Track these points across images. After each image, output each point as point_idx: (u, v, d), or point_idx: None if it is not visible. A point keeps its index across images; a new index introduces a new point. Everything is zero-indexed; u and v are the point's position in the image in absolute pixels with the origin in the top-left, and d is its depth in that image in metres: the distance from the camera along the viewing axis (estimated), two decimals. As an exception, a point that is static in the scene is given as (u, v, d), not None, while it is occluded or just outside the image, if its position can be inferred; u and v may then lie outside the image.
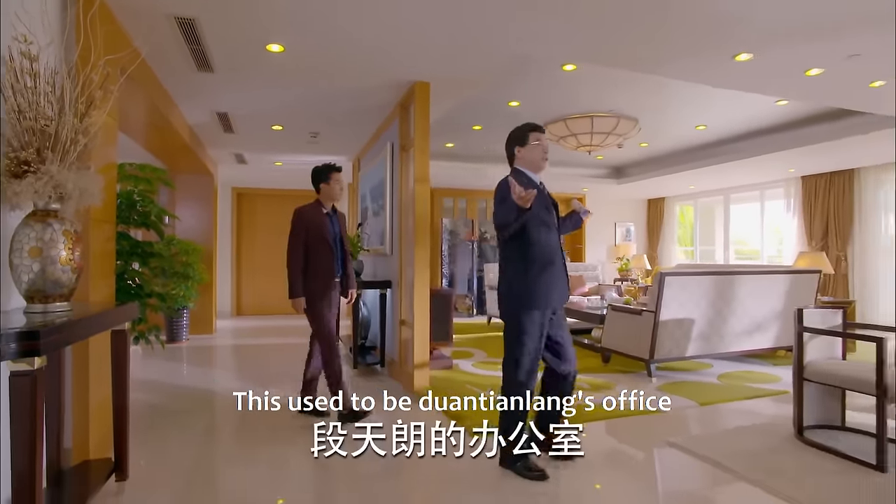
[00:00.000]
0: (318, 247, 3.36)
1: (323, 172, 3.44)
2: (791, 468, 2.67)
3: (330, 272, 3.39)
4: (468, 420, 3.34)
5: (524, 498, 2.36)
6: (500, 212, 2.50)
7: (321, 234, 3.36)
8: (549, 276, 2.55)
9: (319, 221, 3.38)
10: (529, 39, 3.22)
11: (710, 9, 2.78)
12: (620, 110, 5.67)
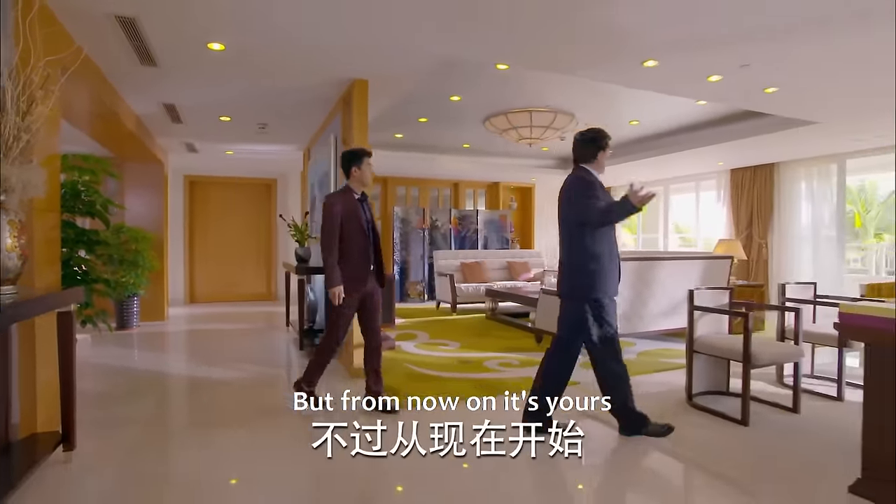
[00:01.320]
0: (353, 235, 3.20)
1: (357, 156, 3.28)
2: (675, 427, 3.08)
3: (365, 261, 3.24)
4: (399, 393, 3.67)
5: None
6: (585, 207, 2.77)
7: (356, 221, 3.21)
8: (613, 266, 2.90)
9: (353, 208, 3.23)
10: (456, 42, 3.48)
11: (607, 23, 3.12)
12: (559, 105, 6.01)
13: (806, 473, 2.48)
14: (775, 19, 3.11)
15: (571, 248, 2.90)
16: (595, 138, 2.95)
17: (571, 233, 2.88)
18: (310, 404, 3.14)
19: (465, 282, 7.84)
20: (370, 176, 3.33)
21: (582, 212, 2.80)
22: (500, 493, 2.31)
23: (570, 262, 2.91)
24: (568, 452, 2.43)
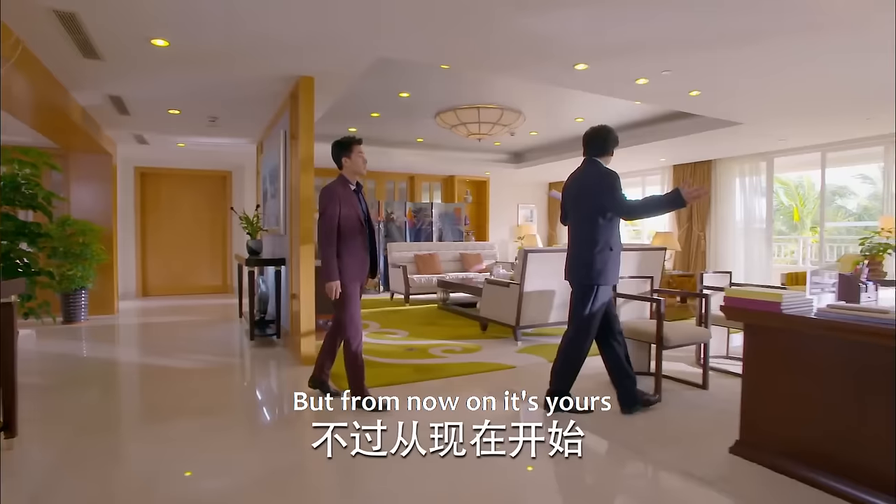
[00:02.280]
0: (350, 226, 3.12)
1: (345, 146, 3.22)
2: (596, 405, 3.35)
3: (363, 252, 3.20)
4: (345, 380, 3.83)
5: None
6: (620, 198, 2.99)
7: (353, 212, 3.15)
8: (617, 255, 3.14)
9: (350, 199, 3.17)
10: (396, 44, 3.64)
11: (537, 30, 3.35)
12: (507, 102, 6.23)
13: (697, 438, 2.78)
14: (690, 32, 3.40)
15: (584, 236, 3.09)
16: (610, 135, 3.22)
17: (587, 221, 3.07)
18: (311, 403, 2.95)
19: (419, 273, 8.03)
20: (362, 164, 3.26)
21: (616, 203, 2.97)
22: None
23: (580, 249, 3.12)
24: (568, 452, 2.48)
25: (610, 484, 2.41)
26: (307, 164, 4.37)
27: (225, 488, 2.28)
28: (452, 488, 2.27)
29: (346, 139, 3.24)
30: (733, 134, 6.49)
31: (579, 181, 3.20)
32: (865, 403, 2.11)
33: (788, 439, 2.36)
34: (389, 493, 2.23)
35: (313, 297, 4.35)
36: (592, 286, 3.09)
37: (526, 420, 2.83)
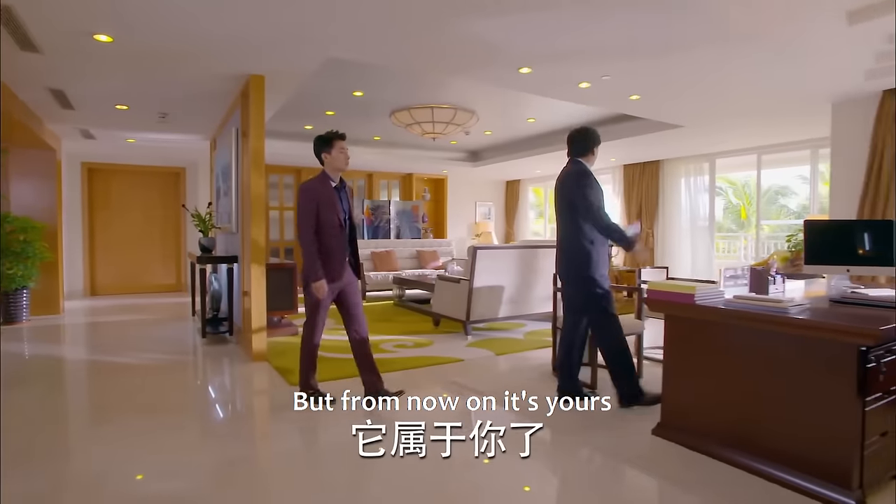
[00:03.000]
0: (330, 225, 3.04)
1: (325, 141, 3.09)
2: (533, 392, 3.49)
3: (341, 253, 3.09)
4: (294, 375, 3.88)
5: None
6: (591, 201, 3.15)
7: (333, 210, 3.04)
8: (604, 251, 3.33)
9: (330, 196, 3.05)
10: (344, 45, 3.71)
11: (477, 36, 3.49)
12: (460, 102, 6.35)
13: (626, 422, 2.97)
14: (627, 41, 3.60)
15: (571, 231, 3.22)
16: (589, 136, 3.35)
17: (573, 218, 3.21)
18: (310, 404, 3.06)
19: (376, 270, 8.09)
20: (344, 160, 3.12)
21: (589, 210, 3.14)
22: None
23: (569, 245, 3.25)
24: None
25: (539, 466, 2.55)
26: (258, 162, 4.39)
27: (175, 486, 2.27)
28: (408, 481, 2.39)
29: (328, 134, 3.10)
30: (677, 136, 6.80)
31: (562, 181, 3.33)
32: (765, 385, 2.32)
33: (703, 420, 2.56)
34: (346, 485, 2.32)
35: (264, 295, 4.37)
36: (592, 277, 3.21)
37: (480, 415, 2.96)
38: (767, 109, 5.44)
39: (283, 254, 9.59)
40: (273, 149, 8.33)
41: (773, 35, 3.55)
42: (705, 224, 8.47)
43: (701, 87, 4.66)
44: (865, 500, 2.07)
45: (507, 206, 11.67)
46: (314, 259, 2.99)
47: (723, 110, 5.48)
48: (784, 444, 2.25)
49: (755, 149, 7.64)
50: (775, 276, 2.93)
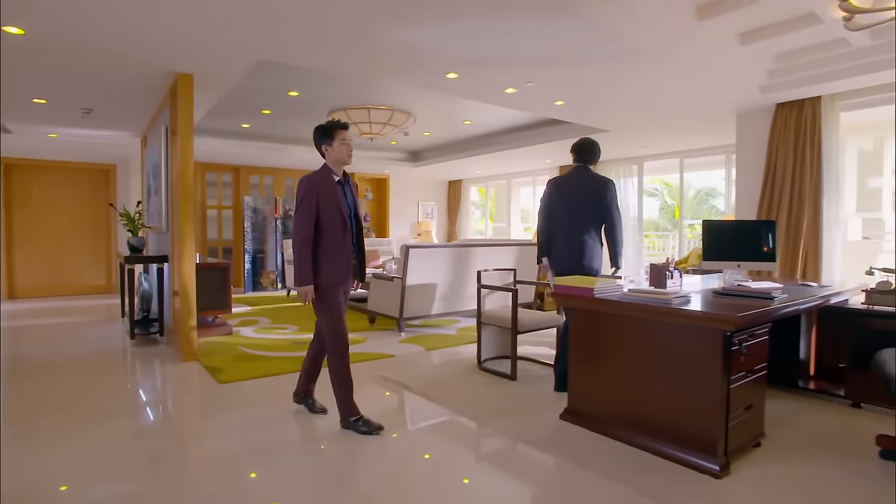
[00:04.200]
0: (332, 223, 2.78)
1: (326, 132, 2.85)
2: (457, 385, 3.70)
3: (346, 253, 2.84)
4: (224, 373, 3.92)
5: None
6: (618, 217, 3.68)
7: (335, 206, 2.79)
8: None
9: (332, 191, 2.80)
10: (271, 47, 3.76)
11: (403, 42, 3.63)
12: (397, 104, 6.47)
13: (538, 408, 3.19)
14: (546, 50, 3.83)
15: (583, 231, 3.62)
16: (591, 147, 3.80)
17: (589, 219, 3.62)
18: (358, 429, 2.81)
19: (316, 269, 8.10)
20: (347, 153, 2.87)
21: (616, 216, 3.65)
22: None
23: (584, 246, 3.61)
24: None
25: (452, 451, 2.72)
26: (187, 161, 4.36)
27: (103, 489, 2.26)
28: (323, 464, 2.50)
29: (329, 124, 2.87)
30: (605, 139, 7.16)
31: (577, 184, 3.68)
32: (653, 370, 2.58)
33: (602, 404, 2.81)
34: (276, 482, 2.41)
35: (195, 294, 4.36)
36: (599, 271, 3.66)
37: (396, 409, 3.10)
38: (682, 117, 5.86)
39: (222, 254, 9.42)
40: (210, 146, 8.20)
41: (674, 51, 3.88)
42: (635, 224, 8.95)
43: (618, 95, 4.99)
44: (729, 465, 2.35)
45: (450, 205, 11.88)
46: (306, 260, 2.73)
47: (642, 117, 5.86)
48: (668, 421, 2.51)
49: (678, 153, 8.15)
50: (672, 272, 3.23)
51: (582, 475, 2.35)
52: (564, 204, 3.67)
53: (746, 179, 5.56)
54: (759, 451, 2.56)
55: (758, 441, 2.61)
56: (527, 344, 4.77)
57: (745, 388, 2.44)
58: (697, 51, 3.94)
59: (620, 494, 2.17)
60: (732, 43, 3.96)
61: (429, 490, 2.23)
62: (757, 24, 3.79)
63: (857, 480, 2.29)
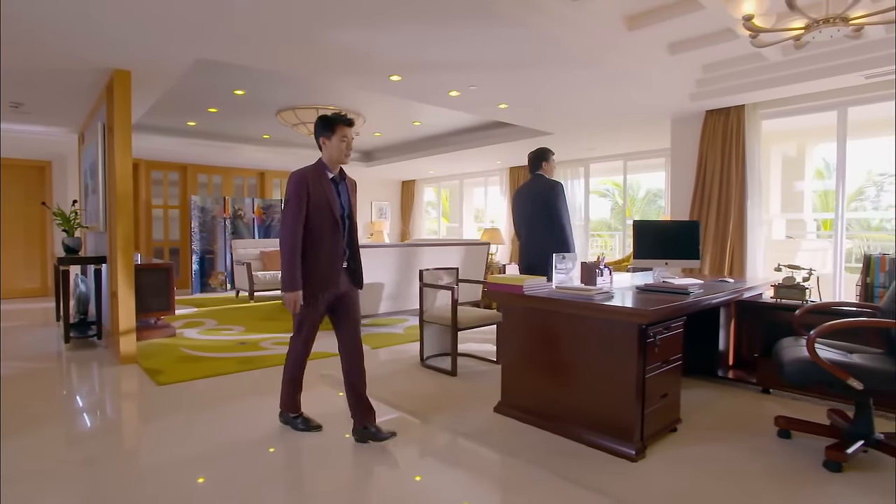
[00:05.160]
0: (322, 223, 2.61)
1: (328, 124, 2.65)
2: (398, 382, 3.78)
3: (335, 257, 2.65)
4: (163, 375, 3.87)
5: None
6: (564, 210, 4.05)
7: (326, 206, 2.61)
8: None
9: (324, 190, 2.62)
10: (212, 46, 3.74)
11: (344, 45, 3.69)
12: (348, 104, 6.48)
13: (475, 401, 3.31)
14: (485, 56, 3.96)
15: (540, 233, 4.03)
16: (544, 152, 4.21)
17: (543, 220, 4.01)
18: (296, 426, 2.81)
19: (265, 270, 8.01)
20: (344, 151, 2.66)
21: (559, 214, 4.02)
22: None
23: (544, 245, 3.94)
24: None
25: (395, 448, 2.79)
26: (125, 159, 4.28)
27: (37, 499, 2.21)
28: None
29: (333, 117, 2.66)
30: (551, 142, 7.39)
31: (531, 190, 4.16)
32: (578, 362, 2.73)
33: (532, 396, 2.94)
34: (218, 484, 2.42)
35: (133, 296, 4.28)
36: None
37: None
38: (622, 121, 6.13)
39: (168, 254, 9.18)
40: (155, 144, 7.98)
41: (607, 59, 4.08)
42: (582, 224, 9.25)
43: (558, 99, 5.19)
44: (645, 449, 2.53)
45: (403, 205, 11.94)
46: (294, 263, 2.54)
47: (584, 120, 6.09)
48: (590, 410, 2.67)
49: (622, 155, 8.48)
50: (603, 269, 3.41)
51: (509, 464, 2.48)
52: (523, 208, 4.17)
53: (680, 181, 5.87)
54: (674, 436, 2.75)
55: (674, 426, 2.81)
56: (471, 341, 4.90)
57: (661, 377, 2.62)
58: (630, 59, 4.16)
59: (543, 480, 2.30)
60: (662, 53, 4.20)
61: (375, 486, 2.31)
62: (683, 36, 4.04)
63: (756, 456, 2.51)
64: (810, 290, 3.41)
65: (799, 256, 6.39)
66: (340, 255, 2.68)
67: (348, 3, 3.08)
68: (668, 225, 4.18)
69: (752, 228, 5.30)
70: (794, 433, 2.75)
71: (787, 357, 2.51)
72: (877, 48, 3.87)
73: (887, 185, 9.19)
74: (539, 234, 4.05)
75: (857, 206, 9.50)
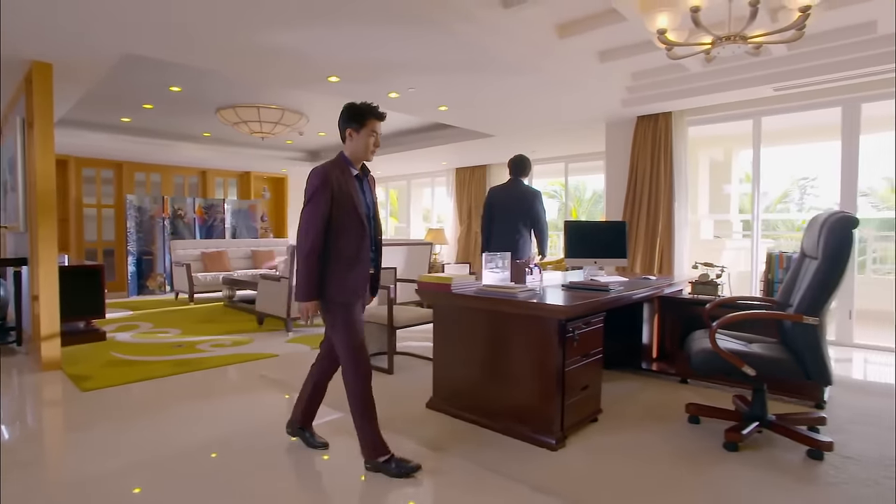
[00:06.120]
0: (348, 224, 2.35)
1: (357, 115, 2.39)
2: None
3: (364, 260, 2.41)
4: (90, 381, 3.75)
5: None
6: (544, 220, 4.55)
7: (352, 206, 2.36)
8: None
9: (349, 188, 2.37)
10: (137, 42, 3.65)
11: (284, 47, 3.69)
12: (292, 103, 6.41)
13: (409, 398, 3.37)
14: (421, 59, 4.02)
15: (516, 231, 4.43)
16: (520, 162, 4.56)
17: (520, 221, 4.45)
18: (403, 469, 2.35)
19: (206, 271, 7.82)
20: (370, 147, 2.43)
21: (543, 219, 4.51)
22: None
23: (518, 242, 4.40)
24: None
25: (333, 446, 2.82)
26: (47, 156, 4.11)
27: None
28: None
29: (364, 107, 2.41)
30: (493, 143, 7.57)
31: (513, 194, 4.52)
32: (504, 358, 2.83)
33: (462, 391, 3.03)
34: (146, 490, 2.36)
35: (57, 298, 4.11)
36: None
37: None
38: (560, 125, 6.34)
39: (102, 256, 8.80)
40: (86, 140, 7.64)
41: (540, 65, 4.23)
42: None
43: (496, 103, 5.33)
44: (566, 438, 2.66)
45: (352, 205, 11.86)
46: (312, 271, 2.30)
47: (523, 123, 6.27)
48: (515, 403, 2.78)
49: (563, 158, 8.75)
50: (532, 269, 3.54)
51: (435, 457, 2.54)
52: (503, 210, 4.51)
53: (615, 183, 6.13)
54: (594, 426, 2.90)
55: (595, 417, 2.95)
56: (412, 340, 4.96)
57: (582, 370, 2.76)
58: (563, 66, 4.33)
59: (467, 471, 2.38)
60: (593, 60, 4.39)
61: (317, 486, 2.33)
62: (612, 46, 4.24)
63: (666, 441, 2.68)
64: (722, 286, 3.66)
65: (724, 255, 6.78)
66: (369, 259, 2.44)
67: (275, 4, 3.08)
68: (597, 225, 4.37)
69: (679, 228, 5.60)
70: (703, 419, 2.95)
71: (694, 348, 2.70)
72: (783, 64, 4.19)
73: (809, 188, 9.91)
74: (517, 229, 4.46)
75: (783, 208, 10.17)
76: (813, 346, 2.42)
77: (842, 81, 4.35)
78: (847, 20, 3.69)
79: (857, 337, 4.75)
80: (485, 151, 8.33)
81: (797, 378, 2.48)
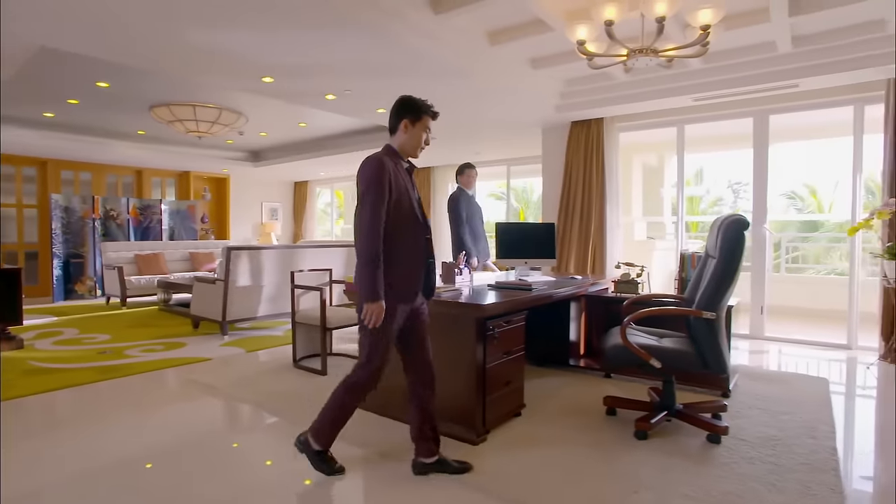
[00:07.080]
0: (402, 220, 2.17)
1: (416, 108, 2.27)
2: (266, 383, 3.76)
3: (418, 263, 2.25)
4: (5, 390, 3.58)
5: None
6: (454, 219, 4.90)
7: (408, 201, 2.20)
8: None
9: (403, 183, 2.20)
10: (59, 37, 3.51)
11: (214, 46, 3.64)
12: (230, 102, 6.29)
13: (339, 401, 3.39)
14: (354, 62, 4.05)
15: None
16: (466, 167, 4.92)
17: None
18: (325, 468, 2.29)
19: (140, 274, 7.54)
20: (422, 142, 2.32)
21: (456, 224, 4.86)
22: (61, 456, 2.58)
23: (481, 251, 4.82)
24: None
25: (253, 444, 2.81)
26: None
27: None
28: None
29: (421, 103, 2.30)
30: (439, 145, 7.65)
31: (473, 202, 4.93)
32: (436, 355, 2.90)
33: (389, 390, 3.07)
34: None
35: (-35, 303, 3.89)
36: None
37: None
38: (499, 129, 6.50)
39: (24, 259, 8.32)
40: (4, 135, 7.20)
41: (474, 71, 4.33)
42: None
43: (435, 106, 5.39)
44: (488, 433, 2.75)
45: (296, 206, 11.72)
46: (377, 266, 2.09)
47: (464, 127, 6.39)
48: (441, 400, 2.82)
49: (505, 160, 8.94)
50: (462, 269, 3.63)
51: (358, 455, 2.59)
52: (477, 215, 4.91)
53: (551, 186, 6.33)
54: (517, 420, 3.01)
55: (518, 411, 3.07)
56: (350, 342, 4.96)
57: (503, 367, 2.86)
58: (496, 71, 4.45)
59: (388, 468, 2.43)
60: (525, 67, 4.54)
61: (262, 487, 2.31)
62: (542, 53, 4.40)
63: (584, 432, 2.82)
64: (642, 285, 3.86)
65: (655, 255, 7.12)
66: (423, 259, 2.27)
67: (197, 2, 3.04)
68: (527, 226, 4.51)
69: (611, 230, 5.84)
70: (619, 410, 3.12)
71: (608, 343, 2.85)
72: (699, 76, 4.46)
73: (742, 191, 10.53)
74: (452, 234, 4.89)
75: (717, 211, 10.75)
76: (710, 338, 2.61)
77: (751, 94, 4.67)
78: (749, 39, 3.99)
79: (769, 331, 5.10)
80: (428, 153, 8.39)
81: (699, 369, 2.66)
